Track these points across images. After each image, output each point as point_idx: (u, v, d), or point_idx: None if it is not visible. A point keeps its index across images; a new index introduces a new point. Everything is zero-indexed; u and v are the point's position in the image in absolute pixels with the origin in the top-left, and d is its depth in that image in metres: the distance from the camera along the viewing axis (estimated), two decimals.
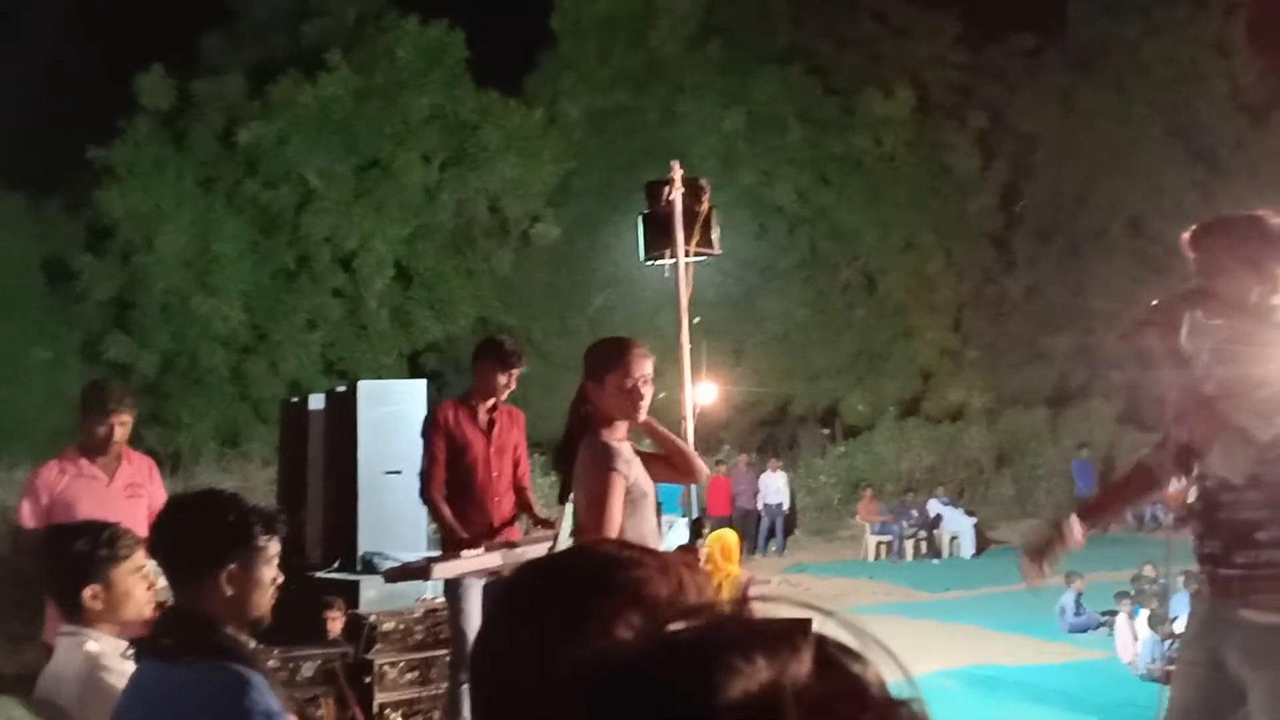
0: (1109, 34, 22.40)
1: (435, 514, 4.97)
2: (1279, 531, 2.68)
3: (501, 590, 0.97)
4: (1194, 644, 2.95)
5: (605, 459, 3.27)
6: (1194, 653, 2.93)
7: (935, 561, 16.31)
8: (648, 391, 3.40)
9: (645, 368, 3.41)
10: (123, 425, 4.55)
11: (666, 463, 3.62)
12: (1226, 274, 2.80)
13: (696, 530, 3.49)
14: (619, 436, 3.42)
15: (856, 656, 0.60)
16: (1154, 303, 2.90)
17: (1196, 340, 2.74)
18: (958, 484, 20.13)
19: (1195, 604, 3.10)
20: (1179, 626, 7.96)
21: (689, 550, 3.39)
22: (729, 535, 6.35)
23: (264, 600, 2.22)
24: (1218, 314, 2.76)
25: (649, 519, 3.40)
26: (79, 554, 2.62)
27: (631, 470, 3.34)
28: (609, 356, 3.45)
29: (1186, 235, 2.93)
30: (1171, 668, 7.48)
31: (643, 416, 3.45)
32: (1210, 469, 2.78)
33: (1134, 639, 8.60)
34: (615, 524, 3.21)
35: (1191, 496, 2.92)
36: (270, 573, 2.23)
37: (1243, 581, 2.71)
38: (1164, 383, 2.91)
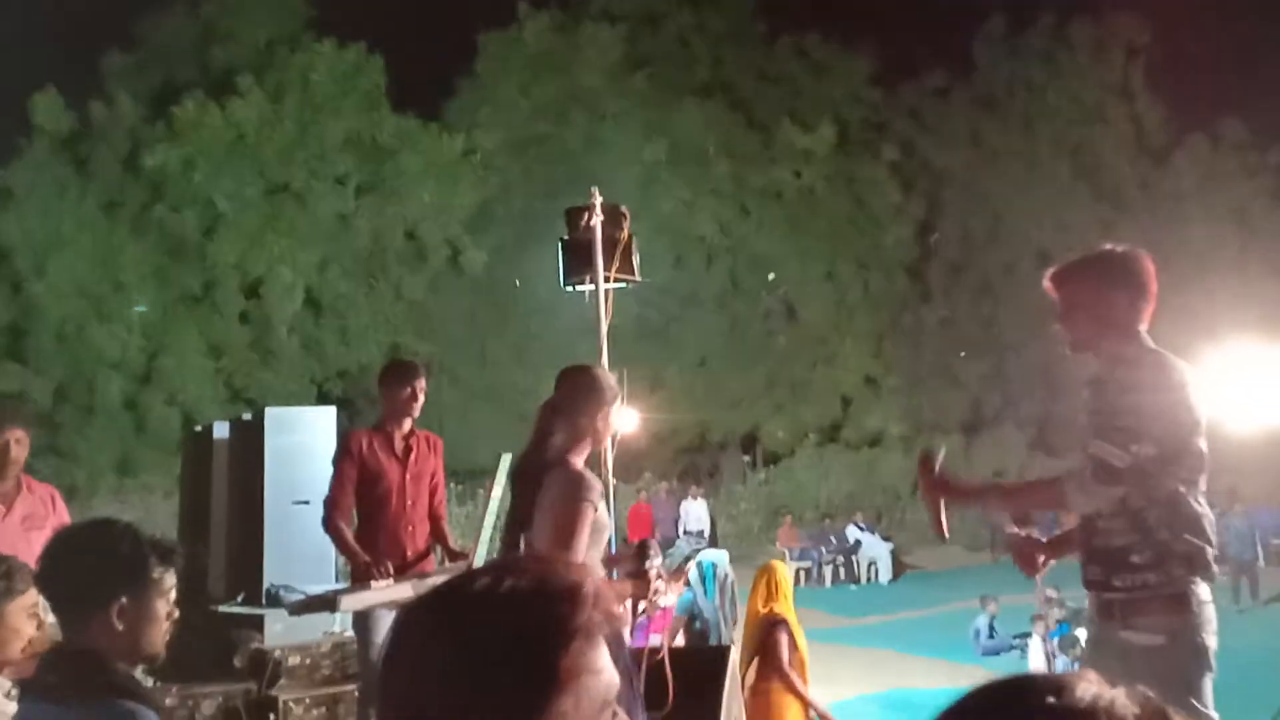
0: (1014, 76, 23.13)
1: (337, 541, 4.81)
2: (1151, 555, 2.77)
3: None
4: (1087, 666, 3.03)
5: (582, 490, 3.22)
6: None
7: (853, 587, 16.46)
8: None
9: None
10: (18, 443, 4.30)
11: None
12: (1074, 313, 3.01)
13: (643, 553, 3.43)
14: (584, 465, 3.37)
15: None
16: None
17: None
18: (875, 510, 20.39)
19: (1088, 627, 3.21)
20: None
21: (640, 575, 3.33)
22: (780, 568, 5.86)
23: (157, 636, 2.11)
24: (1077, 350, 3.01)
25: (601, 549, 3.40)
26: None
27: (599, 503, 3.30)
28: (602, 387, 3.42)
29: (1046, 279, 3.13)
30: None
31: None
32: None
33: (1047, 661, 8.74)
34: (580, 554, 3.15)
35: (1074, 523, 3.03)
36: (165, 607, 2.12)
37: (1123, 605, 2.81)
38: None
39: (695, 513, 17.84)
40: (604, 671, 0.98)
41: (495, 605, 0.96)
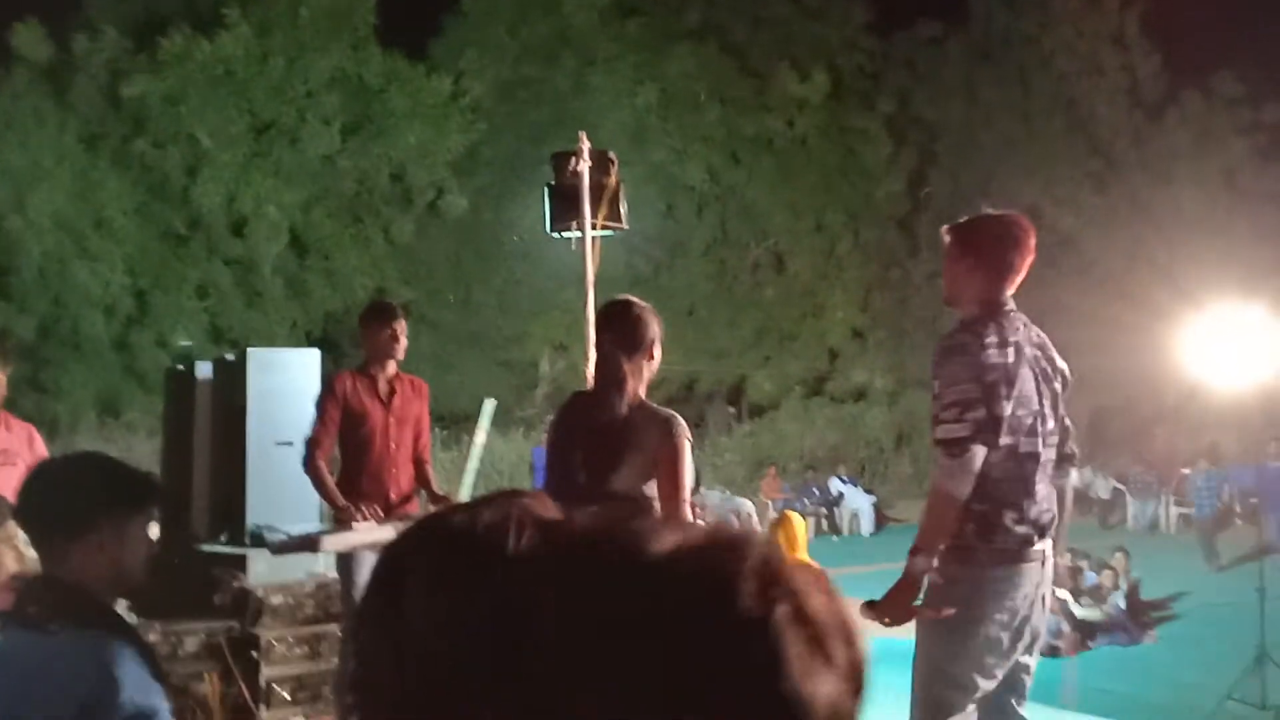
0: (1009, 26, 22.91)
1: (316, 482, 4.81)
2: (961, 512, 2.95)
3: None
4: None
5: (682, 428, 3.35)
6: None
7: (835, 539, 16.60)
8: None
9: None
10: None
11: None
12: (947, 269, 3.24)
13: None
14: None
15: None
16: None
17: None
18: (859, 463, 20.52)
19: None
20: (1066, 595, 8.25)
21: None
22: (796, 521, 6.08)
23: (138, 567, 2.12)
24: (948, 305, 3.29)
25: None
26: None
27: None
28: (652, 320, 3.46)
29: (943, 230, 3.36)
30: (1059, 642, 7.78)
31: None
32: None
33: None
34: (689, 492, 3.28)
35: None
36: (144, 538, 2.13)
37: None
38: None
39: None
40: None
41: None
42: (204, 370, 6.80)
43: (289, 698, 5.41)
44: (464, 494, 4.47)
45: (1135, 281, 18.57)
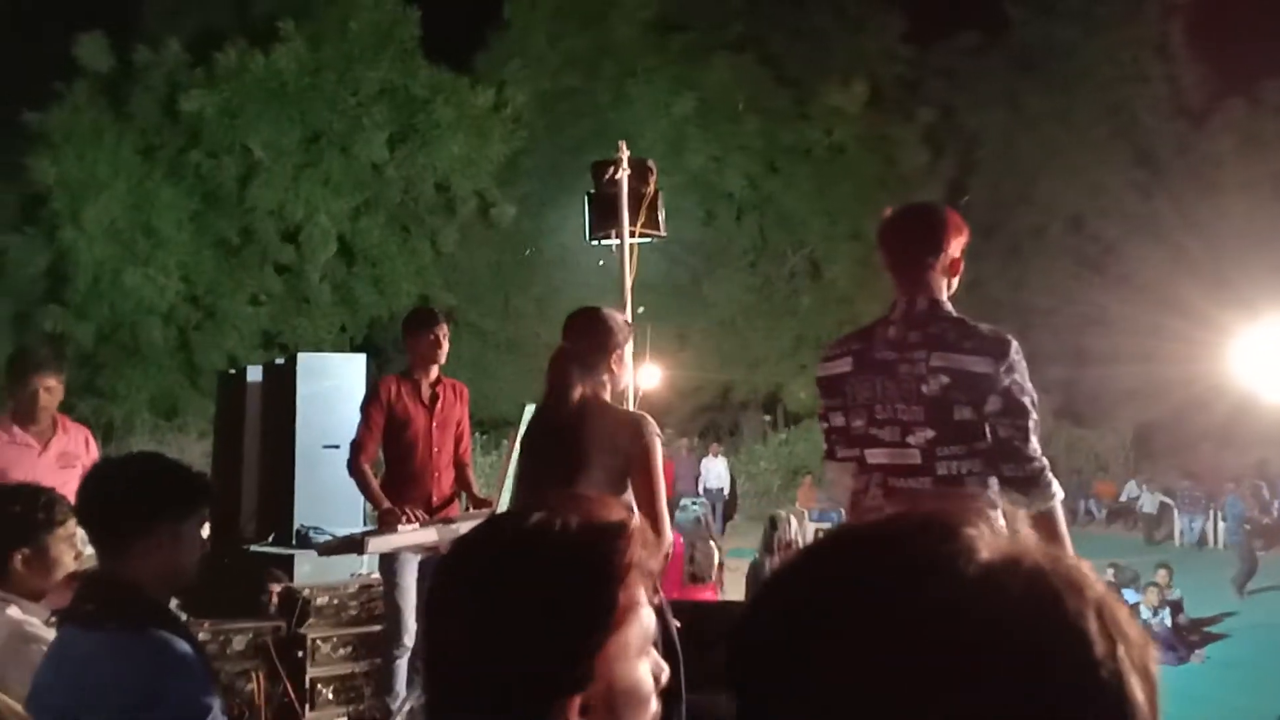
0: (1049, 34, 22.73)
1: (361, 484, 4.90)
2: None
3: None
4: None
5: (651, 428, 3.35)
6: None
7: None
8: None
9: None
10: (48, 390, 4.41)
11: None
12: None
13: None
14: None
15: None
16: None
17: None
18: None
19: None
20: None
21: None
22: None
23: (191, 566, 2.18)
24: None
25: None
26: (14, 518, 2.57)
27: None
28: (613, 328, 3.49)
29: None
30: None
31: None
32: None
33: None
34: (663, 489, 3.32)
35: None
36: (198, 538, 2.20)
37: None
38: None
39: (715, 470, 17.92)
40: (647, 608, 1.03)
41: (553, 541, 0.99)
42: (254, 375, 6.95)
43: (332, 698, 5.51)
44: (504, 498, 4.54)
45: (1180, 290, 18.34)
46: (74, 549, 2.66)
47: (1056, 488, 2.78)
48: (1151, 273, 20.24)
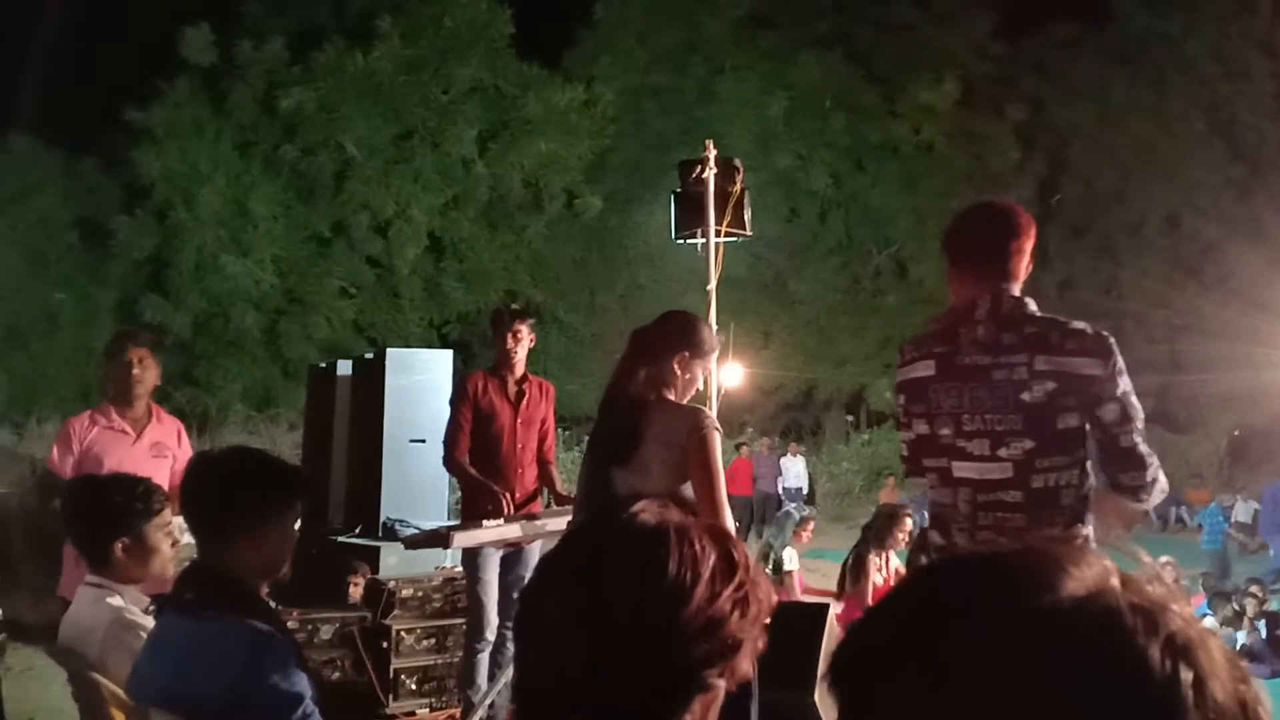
0: (1149, 28, 22.03)
1: (461, 477, 4.95)
2: None
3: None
4: None
5: (709, 420, 3.30)
6: None
7: None
8: None
9: None
10: (142, 363, 4.44)
11: None
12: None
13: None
14: None
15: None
16: None
17: None
18: None
19: None
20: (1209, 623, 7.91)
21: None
22: None
23: (285, 557, 2.23)
24: None
25: None
26: (115, 506, 2.65)
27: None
28: (696, 335, 3.45)
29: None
30: None
31: None
32: None
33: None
34: (723, 483, 3.28)
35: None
36: (292, 530, 2.25)
37: None
38: None
39: (795, 469, 17.78)
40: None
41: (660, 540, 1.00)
42: (344, 368, 7.10)
43: (415, 688, 5.59)
44: None
45: (1278, 294, 17.70)
46: (171, 537, 2.74)
47: (1164, 482, 2.70)
48: (1249, 275, 19.55)
